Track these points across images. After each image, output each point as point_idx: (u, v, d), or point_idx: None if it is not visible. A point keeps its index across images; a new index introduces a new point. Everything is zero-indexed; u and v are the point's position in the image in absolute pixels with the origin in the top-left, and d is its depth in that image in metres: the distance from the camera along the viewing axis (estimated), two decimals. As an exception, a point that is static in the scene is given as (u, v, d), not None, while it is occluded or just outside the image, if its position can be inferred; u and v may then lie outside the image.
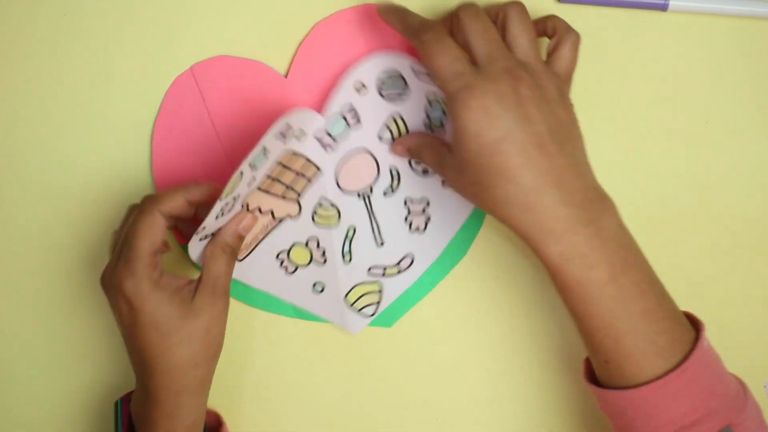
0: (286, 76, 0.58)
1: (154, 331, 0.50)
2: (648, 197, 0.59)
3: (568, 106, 0.49)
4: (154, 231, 0.51)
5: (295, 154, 0.56)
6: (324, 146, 0.57)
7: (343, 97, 0.56)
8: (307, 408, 0.61)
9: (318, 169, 0.57)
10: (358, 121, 0.56)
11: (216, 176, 0.58)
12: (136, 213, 0.52)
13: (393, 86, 0.56)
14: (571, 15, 0.58)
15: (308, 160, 0.57)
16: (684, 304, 0.54)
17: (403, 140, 0.56)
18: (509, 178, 0.45)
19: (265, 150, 0.53)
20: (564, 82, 0.50)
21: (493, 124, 0.45)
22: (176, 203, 0.52)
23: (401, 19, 0.51)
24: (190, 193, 0.52)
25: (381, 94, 0.56)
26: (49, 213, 0.60)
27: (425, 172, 0.58)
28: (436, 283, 0.60)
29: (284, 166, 0.56)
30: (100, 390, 0.61)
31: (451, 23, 0.49)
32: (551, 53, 0.51)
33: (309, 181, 0.57)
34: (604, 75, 0.58)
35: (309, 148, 0.56)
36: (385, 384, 0.61)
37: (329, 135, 0.56)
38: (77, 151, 0.59)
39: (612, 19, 0.58)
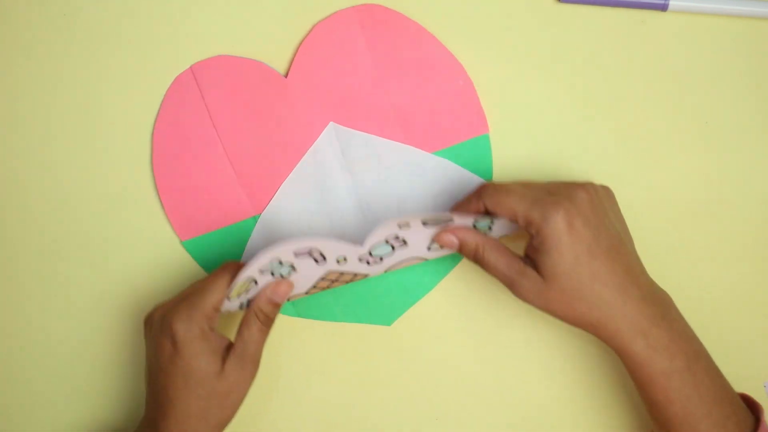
0: (286, 76, 0.58)
1: (184, 377, 0.52)
2: (648, 197, 0.59)
3: (618, 213, 0.53)
4: (224, 289, 0.53)
5: (343, 273, 0.55)
6: (369, 264, 0.55)
7: (385, 231, 0.52)
8: (306, 407, 0.61)
9: (366, 274, 0.57)
10: (405, 244, 0.54)
11: (216, 176, 0.59)
12: (218, 270, 0.53)
13: (438, 221, 0.53)
14: (571, 15, 0.58)
15: (357, 274, 0.56)
16: (684, 304, 0.54)
17: (455, 232, 0.53)
18: (604, 282, 0.49)
19: (282, 263, 0.52)
20: (610, 200, 0.53)
21: (583, 235, 0.49)
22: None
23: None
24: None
25: (425, 226, 0.53)
26: (49, 213, 0.60)
27: None
28: (436, 283, 0.60)
29: (332, 281, 0.56)
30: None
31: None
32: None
33: (355, 276, 0.57)
34: (604, 75, 0.59)
35: (355, 267, 0.55)
36: (385, 384, 0.61)
37: (373, 256, 0.54)
38: (77, 150, 0.59)
39: (612, 19, 0.58)
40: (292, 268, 0.53)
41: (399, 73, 0.58)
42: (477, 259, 0.53)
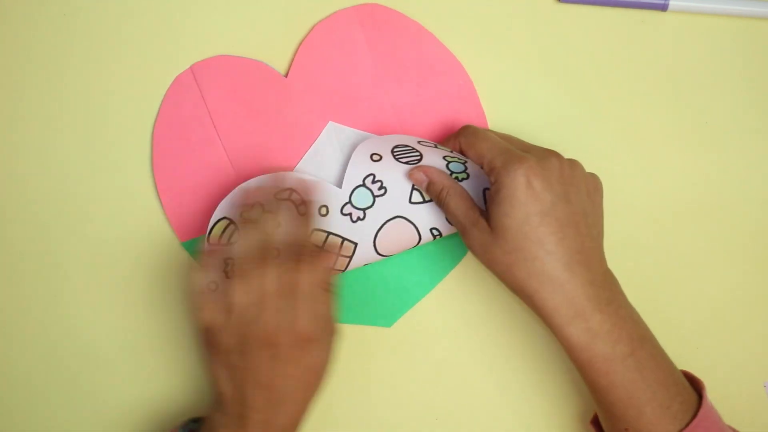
0: (286, 76, 0.58)
1: (313, 378, 0.52)
2: (647, 196, 0.59)
3: (596, 198, 0.52)
4: (331, 262, 0.53)
5: (329, 234, 0.56)
6: (353, 220, 0.56)
7: (360, 168, 0.55)
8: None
9: (355, 243, 0.57)
10: (384, 189, 0.55)
11: (217, 175, 0.59)
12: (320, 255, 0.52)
13: (408, 154, 0.55)
14: (571, 15, 0.58)
15: (345, 239, 0.56)
16: (684, 304, 0.55)
17: (427, 171, 0.54)
18: (549, 251, 0.48)
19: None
20: (593, 184, 0.52)
21: (540, 197, 0.48)
22: None
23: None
24: None
25: (399, 161, 0.55)
26: (49, 213, 0.60)
27: None
28: (436, 283, 0.60)
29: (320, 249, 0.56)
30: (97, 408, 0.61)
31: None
32: None
33: (350, 258, 0.57)
34: (604, 75, 0.59)
35: (338, 224, 0.56)
36: (385, 384, 0.61)
37: (355, 207, 0.56)
38: (77, 150, 0.59)
39: (612, 19, 0.58)
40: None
41: (399, 72, 0.58)
42: (440, 201, 0.54)
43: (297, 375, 0.51)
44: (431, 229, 0.57)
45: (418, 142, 0.56)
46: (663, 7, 0.57)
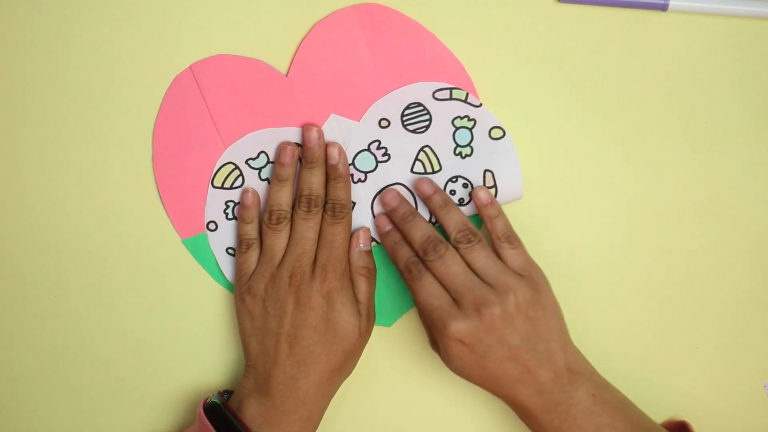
0: (286, 75, 0.58)
1: (335, 332, 0.55)
2: (647, 196, 0.59)
3: (541, 300, 0.54)
4: (348, 237, 0.58)
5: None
6: (354, 181, 0.58)
7: (367, 132, 0.58)
8: (306, 408, 0.61)
9: (353, 202, 0.59)
10: (388, 156, 0.58)
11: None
12: (330, 224, 0.57)
13: (417, 119, 0.57)
14: (571, 15, 0.58)
15: None
16: (684, 304, 0.54)
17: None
18: (492, 382, 0.54)
19: (270, 160, 0.56)
20: (528, 275, 0.55)
21: (472, 350, 0.53)
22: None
23: (390, 247, 0.58)
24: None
25: (406, 128, 0.58)
26: (50, 212, 0.60)
27: (461, 202, 0.59)
28: (436, 282, 0.60)
29: None
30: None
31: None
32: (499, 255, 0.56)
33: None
34: (604, 75, 0.59)
35: None
36: (385, 383, 0.61)
37: (357, 169, 0.58)
38: (78, 150, 0.59)
39: (612, 19, 0.58)
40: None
41: (399, 72, 0.58)
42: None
43: (320, 329, 0.55)
44: None
45: (434, 92, 0.57)
46: (663, 7, 0.57)
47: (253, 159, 0.58)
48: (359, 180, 0.58)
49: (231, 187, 0.59)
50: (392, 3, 0.57)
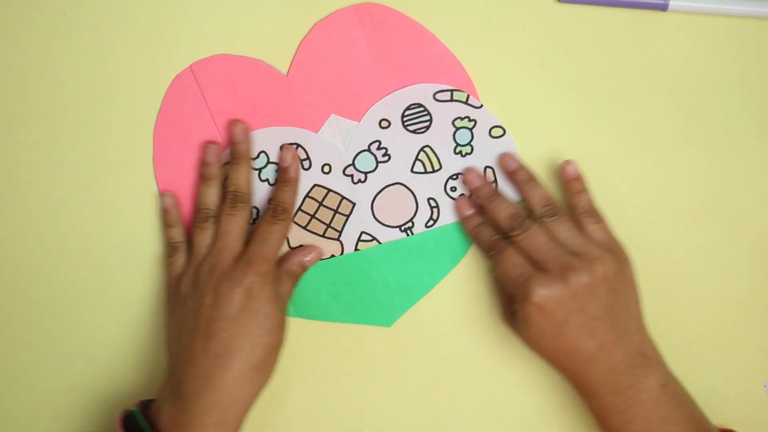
0: (286, 75, 0.58)
1: (257, 326, 0.54)
2: (646, 196, 0.59)
3: (624, 274, 0.55)
4: (283, 240, 0.57)
5: (329, 191, 0.58)
6: (354, 182, 0.58)
7: (367, 132, 0.58)
8: (306, 407, 0.61)
9: (353, 203, 0.59)
10: (388, 156, 0.58)
11: (216, 176, 0.59)
12: (268, 222, 0.56)
13: (417, 119, 0.58)
14: (571, 15, 0.58)
15: (344, 197, 0.58)
16: (684, 304, 0.54)
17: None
18: (566, 354, 0.53)
19: (270, 161, 0.57)
20: (612, 249, 0.55)
21: (553, 316, 0.52)
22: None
23: (471, 230, 0.58)
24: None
25: (407, 129, 0.58)
26: (50, 212, 0.60)
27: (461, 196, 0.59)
28: (436, 282, 0.60)
29: (320, 203, 0.58)
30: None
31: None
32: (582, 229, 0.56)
33: (347, 217, 0.59)
34: (604, 75, 0.59)
35: (340, 184, 0.58)
36: (385, 384, 0.61)
37: (357, 169, 0.58)
38: (78, 150, 0.59)
39: (612, 19, 0.58)
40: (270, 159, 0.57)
41: (399, 72, 0.58)
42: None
43: (241, 321, 0.53)
44: (428, 199, 0.59)
45: (435, 93, 0.58)
46: (663, 7, 0.57)
47: (253, 159, 0.58)
48: (359, 181, 0.58)
49: None
50: (392, 3, 0.57)
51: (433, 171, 0.58)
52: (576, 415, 0.60)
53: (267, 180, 0.58)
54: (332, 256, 0.60)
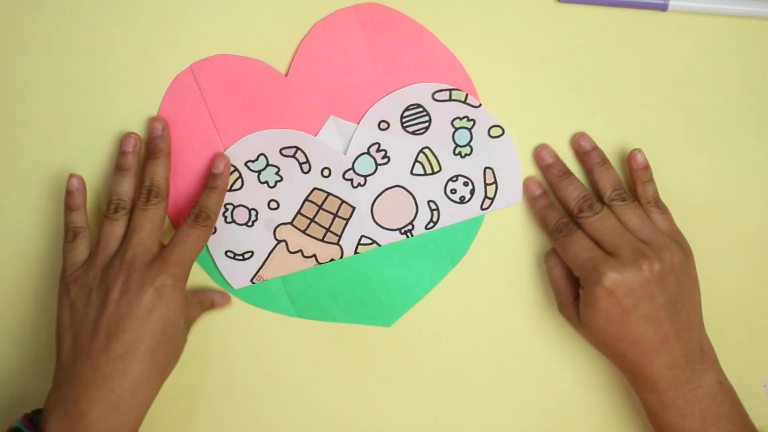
0: (286, 75, 0.58)
1: (163, 329, 0.52)
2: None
3: (689, 267, 0.55)
4: (202, 246, 0.55)
5: (329, 195, 0.58)
6: (354, 186, 0.58)
7: (366, 135, 0.57)
8: (306, 407, 0.61)
9: (353, 207, 0.58)
10: (387, 158, 0.58)
11: (216, 176, 0.59)
12: (189, 226, 0.54)
13: (416, 120, 0.57)
14: (571, 15, 0.58)
15: (343, 201, 0.58)
16: (684, 304, 0.54)
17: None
18: (629, 343, 0.53)
19: (269, 163, 0.57)
20: (678, 241, 0.55)
21: (621, 302, 0.52)
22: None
23: (541, 209, 0.58)
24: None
25: (406, 130, 0.57)
26: (50, 212, 0.60)
27: (462, 200, 0.59)
28: (435, 282, 0.60)
29: (319, 207, 0.58)
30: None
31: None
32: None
33: (347, 220, 0.59)
34: (604, 75, 0.58)
35: (339, 187, 0.58)
36: (385, 384, 0.61)
37: (357, 173, 0.58)
38: (77, 150, 0.59)
39: (612, 19, 0.58)
40: (279, 175, 0.57)
41: (399, 72, 0.58)
42: (546, 267, 0.58)
43: (148, 325, 0.51)
44: (429, 202, 0.58)
45: (434, 93, 0.57)
46: (663, 7, 0.57)
47: (253, 161, 0.58)
48: (359, 185, 0.58)
49: (230, 190, 0.59)
50: (392, 3, 0.57)
51: (433, 173, 0.58)
52: (576, 415, 0.60)
53: (266, 182, 0.58)
54: (331, 260, 0.60)
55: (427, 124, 0.57)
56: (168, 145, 0.57)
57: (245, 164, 0.58)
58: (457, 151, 0.58)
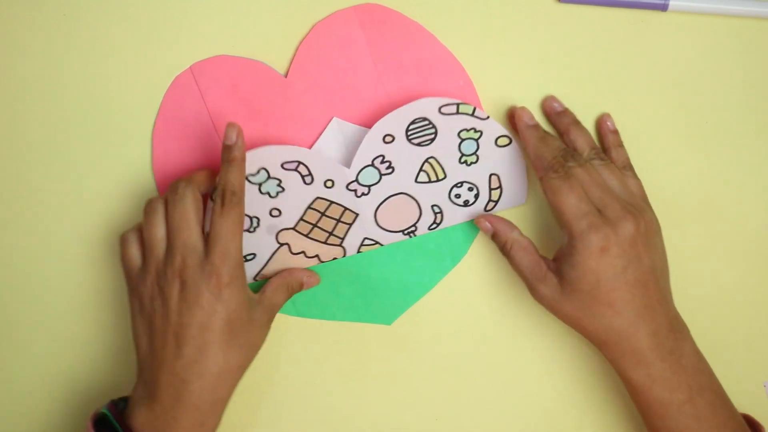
0: (286, 76, 0.58)
1: (227, 325, 0.51)
2: (647, 196, 0.59)
3: (660, 234, 0.54)
4: (242, 226, 0.52)
5: (332, 203, 0.57)
6: (358, 196, 0.57)
7: (370, 149, 0.56)
8: (306, 407, 0.61)
9: (356, 214, 0.58)
10: (392, 169, 0.57)
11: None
12: (219, 214, 0.51)
13: (422, 132, 0.56)
14: (571, 15, 0.58)
15: (347, 209, 0.58)
16: (683, 303, 0.54)
17: (492, 221, 0.56)
18: (617, 311, 0.51)
19: (270, 176, 0.56)
20: (650, 206, 0.55)
21: (612, 263, 0.50)
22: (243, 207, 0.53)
23: (537, 139, 0.55)
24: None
25: (411, 142, 0.57)
26: (50, 213, 0.60)
27: (466, 203, 0.58)
28: (436, 282, 0.60)
29: (322, 213, 0.58)
30: (103, 391, 0.61)
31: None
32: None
33: (350, 225, 0.58)
34: (604, 75, 0.59)
35: (343, 197, 0.57)
36: (385, 383, 0.61)
37: (361, 184, 0.57)
38: (77, 151, 0.59)
39: (612, 19, 0.58)
40: (280, 186, 0.56)
41: (399, 73, 0.58)
42: (504, 252, 0.56)
43: (214, 328, 0.51)
44: (432, 206, 0.58)
45: (441, 107, 0.55)
46: (663, 7, 0.57)
47: (253, 175, 0.56)
48: (362, 194, 0.57)
49: None
50: (392, 3, 0.57)
51: (438, 180, 0.58)
52: (577, 415, 0.61)
53: (267, 193, 0.57)
54: (334, 258, 0.60)
55: (433, 136, 0.56)
56: (242, 152, 0.53)
57: (246, 178, 0.56)
58: (462, 160, 0.57)
